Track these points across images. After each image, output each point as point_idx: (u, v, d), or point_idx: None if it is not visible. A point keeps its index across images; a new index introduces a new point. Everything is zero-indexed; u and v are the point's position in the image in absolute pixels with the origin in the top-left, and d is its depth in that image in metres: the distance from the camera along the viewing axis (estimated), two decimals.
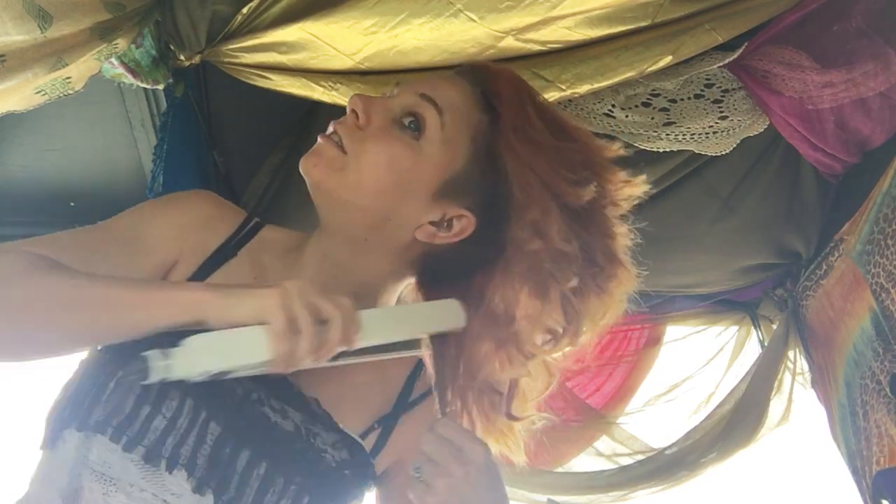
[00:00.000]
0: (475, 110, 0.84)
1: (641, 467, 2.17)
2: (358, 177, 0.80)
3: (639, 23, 1.38)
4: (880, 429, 1.58)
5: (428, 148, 0.81)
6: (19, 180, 1.83)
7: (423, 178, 0.81)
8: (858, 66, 1.50)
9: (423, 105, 0.82)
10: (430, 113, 0.82)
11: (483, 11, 1.30)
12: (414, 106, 0.83)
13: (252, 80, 1.44)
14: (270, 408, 0.78)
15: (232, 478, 0.74)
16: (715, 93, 1.60)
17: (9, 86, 1.14)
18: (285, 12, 1.34)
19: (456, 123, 0.82)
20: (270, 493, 0.75)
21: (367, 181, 0.80)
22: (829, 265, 1.79)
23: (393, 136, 0.81)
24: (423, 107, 0.82)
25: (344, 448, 0.81)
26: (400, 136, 0.81)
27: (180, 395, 0.73)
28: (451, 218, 0.83)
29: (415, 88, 0.84)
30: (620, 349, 2.31)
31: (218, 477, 0.73)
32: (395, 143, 0.81)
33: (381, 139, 0.81)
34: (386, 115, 0.83)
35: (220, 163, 1.72)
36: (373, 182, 0.80)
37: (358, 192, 0.81)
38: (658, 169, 1.69)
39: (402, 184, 0.81)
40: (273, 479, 0.76)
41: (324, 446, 0.80)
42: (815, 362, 1.98)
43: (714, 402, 2.21)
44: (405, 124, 0.82)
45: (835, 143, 1.66)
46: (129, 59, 1.39)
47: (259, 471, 0.75)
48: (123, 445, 0.72)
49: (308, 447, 0.78)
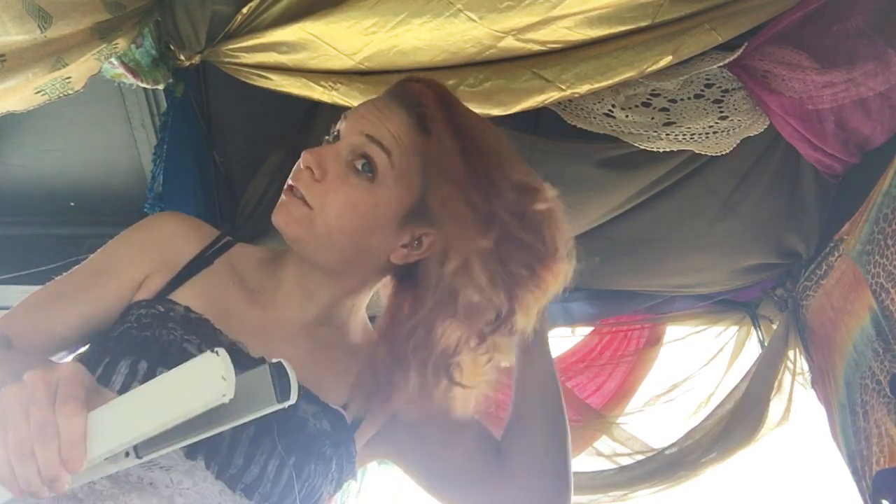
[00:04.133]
0: (416, 135, 0.88)
1: (641, 467, 2.17)
2: (326, 228, 0.86)
3: (639, 23, 1.38)
4: (880, 429, 1.58)
5: (384, 187, 0.87)
6: (19, 180, 1.83)
7: (386, 213, 0.87)
8: (858, 66, 1.50)
9: (371, 146, 0.87)
10: (378, 154, 0.87)
11: (483, 11, 1.30)
12: (362, 147, 0.87)
13: (252, 80, 1.44)
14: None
15: (222, 442, 0.78)
16: (715, 93, 1.60)
17: (9, 86, 1.14)
18: (285, 12, 1.34)
19: (404, 157, 0.87)
20: (259, 454, 0.80)
21: (335, 230, 0.87)
22: (829, 265, 1.79)
23: (349, 183, 0.87)
24: (370, 148, 0.87)
25: (325, 418, 0.87)
26: (356, 183, 0.87)
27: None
28: (419, 236, 0.89)
29: (359, 127, 0.89)
30: (620, 349, 2.31)
31: (209, 441, 0.75)
32: (352, 191, 0.87)
33: (340, 189, 0.87)
34: (338, 163, 0.88)
35: (220, 163, 1.73)
36: (340, 230, 0.87)
37: (329, 240, 0.87)
38: (658, 169, 1.70)
39: (368, 224, 0.87)
40: (261, 441, 0.80)
41: (305, 415, 0.85)
42: (815, 362, 1.98)
43: (714, 402, 2.21)
44: (359, 168, 0.87)
45: (835, 143, 1.66)
46: (129, 59, 1.39)
47: (248, 433, 0.80)
48: None
49: (292, 413, 0.82)
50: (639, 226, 1.82)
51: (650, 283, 2.12)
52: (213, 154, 1.71)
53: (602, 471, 2.21)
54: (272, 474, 0.81)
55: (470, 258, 0.82)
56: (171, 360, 0.77)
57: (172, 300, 0.87)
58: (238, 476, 0.79)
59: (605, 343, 2.32)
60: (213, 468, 0.78)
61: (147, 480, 0.75)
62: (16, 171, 1.81)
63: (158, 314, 0.84)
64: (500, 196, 0.86)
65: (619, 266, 1.97)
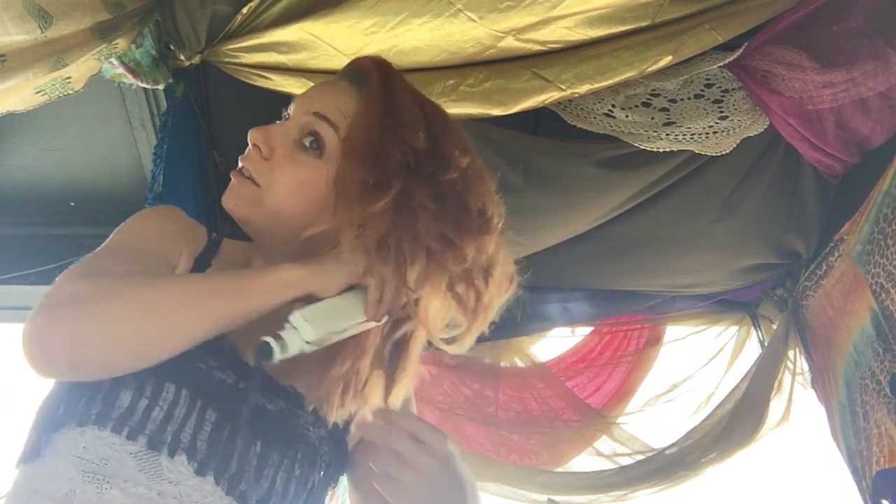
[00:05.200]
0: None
1: (641, 467, 2.18)
2: (275, 206, 0.85)
3: (639, 23, 1.39)
4: (880, 429, 1.58)
5: (331, 164, 0.85)
6: (19, 180, 1.83)
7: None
8: (858, 66, 1.50)
9: (318, 123, 0.86)
10: (326, 129, 0.86)
11: (483, 11, 1.30)
12: (310, 125, 0.87)
13: (252, 80, 1.44)
14: (258, 394, 0.81)
15: (231, 457, 0.77)
16: (715, 93, 1.60)
17: (9, 86, 1.14)
18: (285, 12, 1.34)
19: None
20: (267, 468, 0.80)
21: (283, 207, 0.85)
22: (829, 265, 1.79)
23: (296, 160, 0.86)
24: (318, 125, 0.86)
25: (321, 426, 0.86)
26: (304, 160, 0.86)
27: (175, 388, 0.76)
28: None
29: (307, 107, 0.88)
30: (620, 349, 2.31)
31: (218, 457, 0.75)
32: (300, 168, 0.85)
33: (287, 166, 0.85)
34: (286, 140, 0.87)
35: (219, 163, 1.73)
36: (289, 207, 0.85)
37: (279, 218, 0.85)
38: (658, 169, 1.70)
39: (316, 202, 0.85)
40: (268, 455, 0.80)
41: (305, 424, 0.85)
42: (815, 362, 1.98)
43: (714, 402, 2.21)
44: (306, 145, 0.86)
45: (835, 143, 1.66)
46: (129, 59, 1.39)
47: (255, 449, 0.79)
48: (126, 435, 0.73)
49: (293, 425, 0.83)
50: (639, 226, 1.82)
51: (650, 283, 2.12)
52: (213, 154, 1.71)
53: (602, 471, 2.21)
54: (280, 488, 0.80)
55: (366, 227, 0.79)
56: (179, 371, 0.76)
57: None
58: (249, 493, 0.78)
59: (605, 343, 2.32)
60: (223, 484, 0.77)
61: (156, 492, 0.75)
62: (16, 171, 1.81)
63: None
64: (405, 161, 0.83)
65: (619, 266, 1.98)
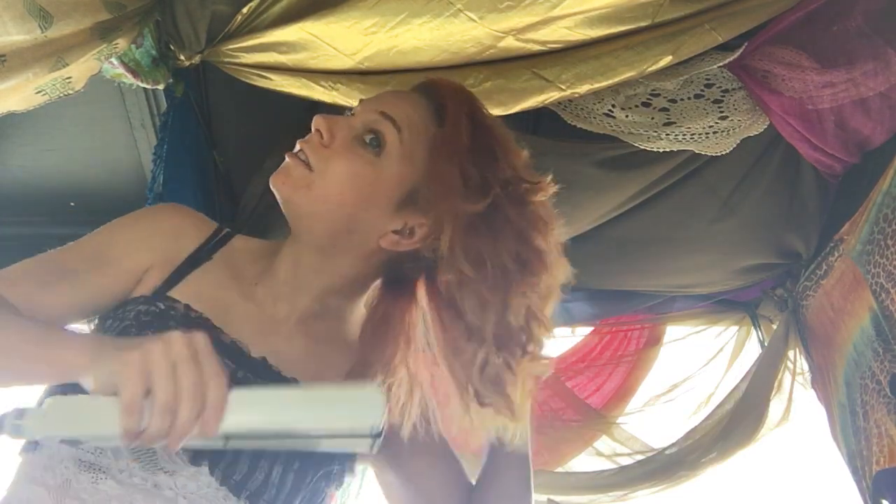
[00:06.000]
0: (431, 125, 0.88)
1: (641, 467, 2.18)
2: (324, 191, 0.86)
3: (639, 23, 1.38)
4: (880, 429, 1.58)
5: (388, 163, 0.86)
6: (19, 180, 1.83)
7: (385, 191, 0.87)
8: (858, 66, 1.50)
9: (383, 122, 0.87)
10: (390, 130, 0.87)
11: (483, 11, 1.30)
12: (374, 123, 0.88)
13: (252, 80, 1.44)
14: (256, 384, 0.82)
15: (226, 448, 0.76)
16: (715, 93, 1.60)
17: (9, 86, 1.14)
18: (285, 12, 1.34)
19: (414, 139, 0.87)
20: (263, 460, 0.80)
21: (331, 195, 0.86)
22: (829, 265, 1.79)
23: (355, 153, 0.87)
24: (382, 124, 0.87)
25: None
26: (362, 154, 0.87)
27: None
28: (412, 226, 0.88)
29: (375, 106, 0.90)
30: (620, 349, 2.31)
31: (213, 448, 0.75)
32: (356, 160, 0.86)
33: (344, 156, 0.86)
34: (348, 132, 0.88)
35: (219, 163, 1.73)
36: (337, 196, 0.86)
37: (324, 205, 0.86)
38: (658, 169, 1.70)
39: (364, 197, 0.86)
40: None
41: None
42: (815, 362, 1.98)
43: (714, 402, 2.22)
44: (366, 141, 0.87)
45: (835, 143, 1.66)
46: (129, 59, 1.39)
47: None
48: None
49: None
50: (639, 226, 1.82)
51: (650, 283, 2.12)
52: (213, 154, 1.71)
53: (602, 471, 2.21)
54: (276, 480, 0.81)
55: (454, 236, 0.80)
56: None
57: (172, 297, 0.86)
58: (243, 483, 0.79)
59: (605, 343, 2.32)
60: (217, 474, 0.78)
61: (151, 482, 0.75)
62: (16, 171, 1.81)
63: (158, 312, 0.84)
64: (500, 172, 0.85)
65: (619, 266, 1.98)
